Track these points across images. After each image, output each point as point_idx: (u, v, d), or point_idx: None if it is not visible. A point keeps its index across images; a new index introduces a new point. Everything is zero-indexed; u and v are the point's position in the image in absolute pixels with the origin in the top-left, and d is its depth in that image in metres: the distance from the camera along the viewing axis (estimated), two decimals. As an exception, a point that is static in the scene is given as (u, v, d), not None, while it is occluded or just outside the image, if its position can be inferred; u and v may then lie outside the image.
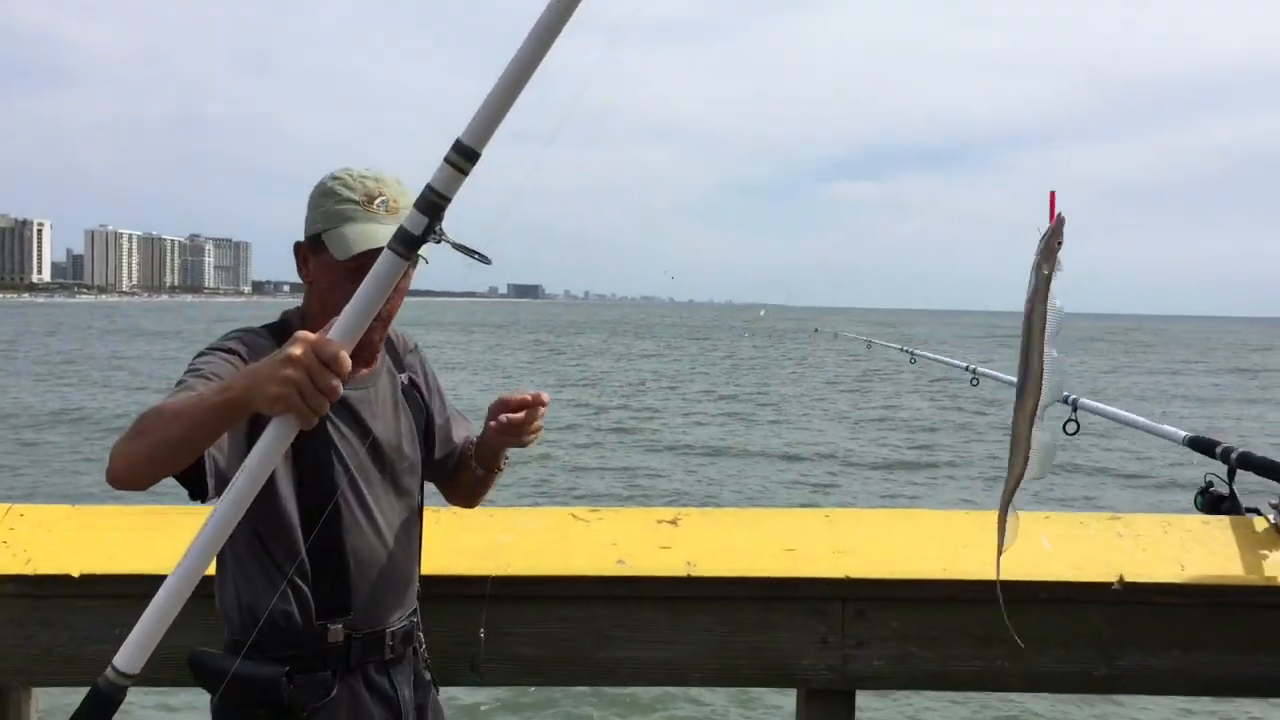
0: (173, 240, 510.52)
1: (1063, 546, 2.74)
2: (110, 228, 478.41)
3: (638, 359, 57.24)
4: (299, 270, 2.24)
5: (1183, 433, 3.42)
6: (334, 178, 2.19)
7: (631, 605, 2.68)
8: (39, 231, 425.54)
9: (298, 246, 2.22)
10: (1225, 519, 2.84)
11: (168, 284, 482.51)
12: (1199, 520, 2.83)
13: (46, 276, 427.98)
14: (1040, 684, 2.73)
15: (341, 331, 1.63)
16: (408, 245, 1.61)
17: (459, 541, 2.75)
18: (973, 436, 24.95)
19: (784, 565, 2.69)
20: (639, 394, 35.47)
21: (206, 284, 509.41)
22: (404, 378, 2.41)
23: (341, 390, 1.63)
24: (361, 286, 1.64)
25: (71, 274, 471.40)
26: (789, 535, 2.76)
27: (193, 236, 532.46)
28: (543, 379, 40.17)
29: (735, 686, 2.82)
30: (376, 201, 2.15)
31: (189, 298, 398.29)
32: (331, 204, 2.16)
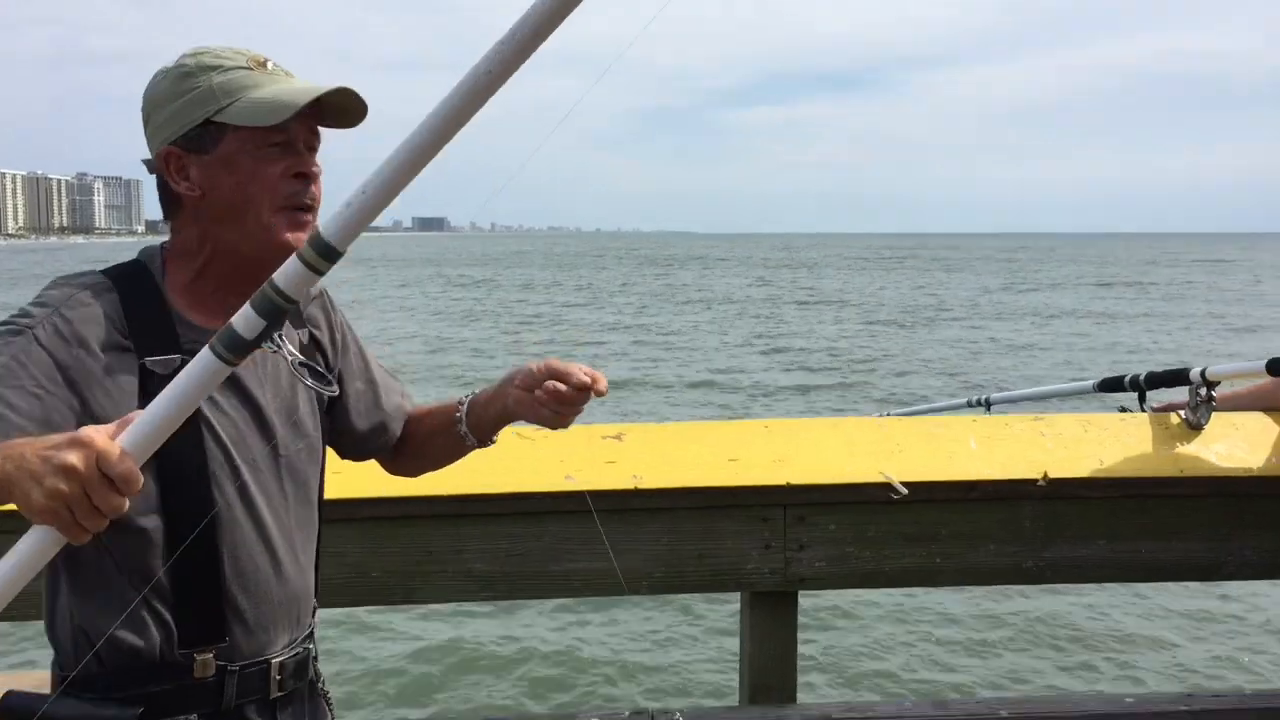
0: (59, 179, 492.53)
1: (990, 447, 2.87)
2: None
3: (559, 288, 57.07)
4: (170, 186, 1.71)
5: (1089, 382, 3.55)
6: (193, 56, 1.69)
7: (581, 519, 2.75)
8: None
9: (165, 156, 1.69)
10: (1142, 415, 3.01)
11: (56, 225, 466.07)
12: (1116, 418, 2.99)
13: (13, 226, 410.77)
14: (973, 578, 2.89)
15: (136, 442, 1.28)
16: (234, 350, 1.28)
17: (408, 464, 2.79)
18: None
19: (727, 475, 2.78)
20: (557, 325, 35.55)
21: (98, 224, 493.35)
22: (302, 333, 1.89)
23: (126, 507, 1.27)
24: (168, 390, 1.28)
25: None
26: (730, 446, 2.85)
27: (80, 175, 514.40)
28: (465, 315, 39.89)
29: (683, 593, 2.92)
30: (269, 64, 1.71)
31: (79, 239, 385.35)
32: (215, 77, 1.66)
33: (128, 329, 1.64)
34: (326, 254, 1.24)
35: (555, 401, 1.74)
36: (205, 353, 1.29)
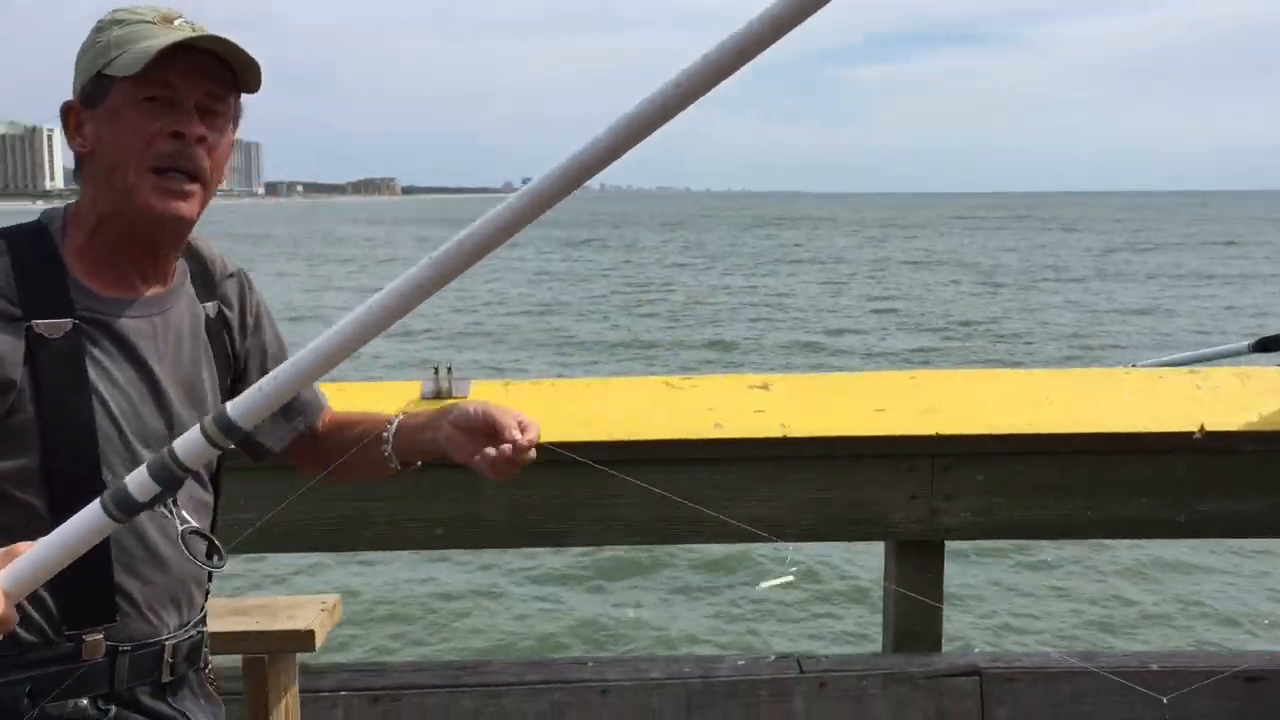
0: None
1: (1144, 400, 2.83)
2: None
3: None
4: (71, 144, 1.63)
5: (1244, 343, 3.43)
6: (111, 11, 1.62)
7: (729, 466, 2.80)
8: (49, 137, 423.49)
9: (66, 111, 1.62)
10: (1304, 369, 2.93)
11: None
12: (1276, 372, 2.92)
13: (59, 183, 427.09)
14: (1123, 531, 2.86)
15: (17, 582, 1.26)
16: (125, 509, 1.24)
17: (559, 410, 2.86)
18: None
19: (874, 425, 2.79)
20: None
21: (222, 186, 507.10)
22: (209, 307, 1.76)
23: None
24: (55, 535, 1.25)
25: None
26: (877, 396, 2.87)
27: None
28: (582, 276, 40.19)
29: (829, 541, 2.95)
30: (178, 21, 1.59)
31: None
32: (115, 31, 1.57)
33: (16, 294, 1.54)
34: (229, 430, 1.21)
35: (490, 465, 1.65)
36: (95, 506, 1.25)
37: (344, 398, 2.95)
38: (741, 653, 3.03)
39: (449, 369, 2.92)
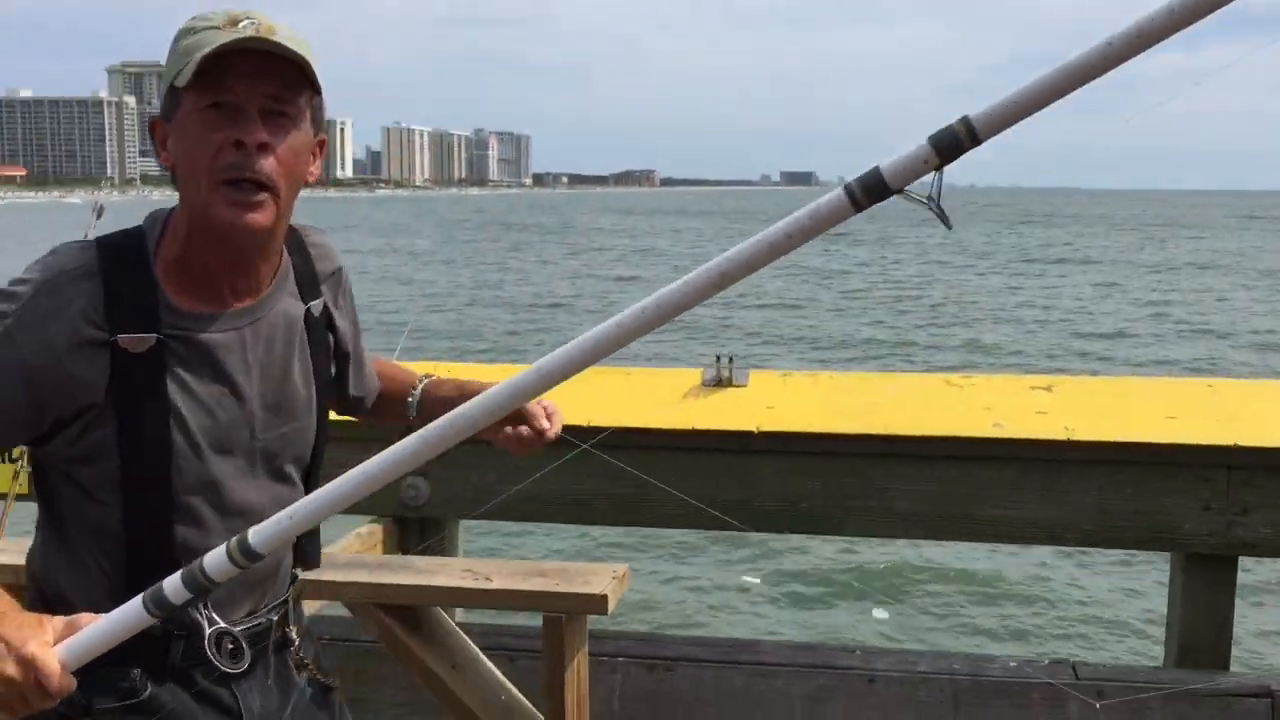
0: (459, 135, 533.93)
1: None
2: (404, 125, 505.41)
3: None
4: (159, 159, 1.63)
5: None
6: (189, 20, 1.61)
7: (1006, 465, 2.78)
8: (341, 130, 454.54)
9: (152, 127, 1.63)
10: None
11: (456, 177, 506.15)
12: None
13: (349, 172, 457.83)
14: None
15: (75, 654, 1.37)
16: (160, 608, 1.37)
17: (836, 402, 2.92)
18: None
19: (1167, 432, 2.71)
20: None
21: (491, 177, 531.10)
22: (315, 305, 1.75)
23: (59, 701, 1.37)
24: (107, 620, 1.36)
25: (370, 169, 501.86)
26: (1169, 403, 2.78)
27: (478, 131, 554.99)
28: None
29: (1113, 549, 2.89)
30: (243, 23, 1.54)
31: (475, 190, 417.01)
32: (185, 40, 1.55)
33: (104, 314, 1.56)
34: (249, 555, 1.31)
35: (517, 443, 1.72)
36: (137, 603, 1.35)
37: (630, 381, 3.12)
38: (1013, 655, 2.98)
39: (730, 359, 3.03)
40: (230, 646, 1.61)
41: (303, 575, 1.83)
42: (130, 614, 1.37)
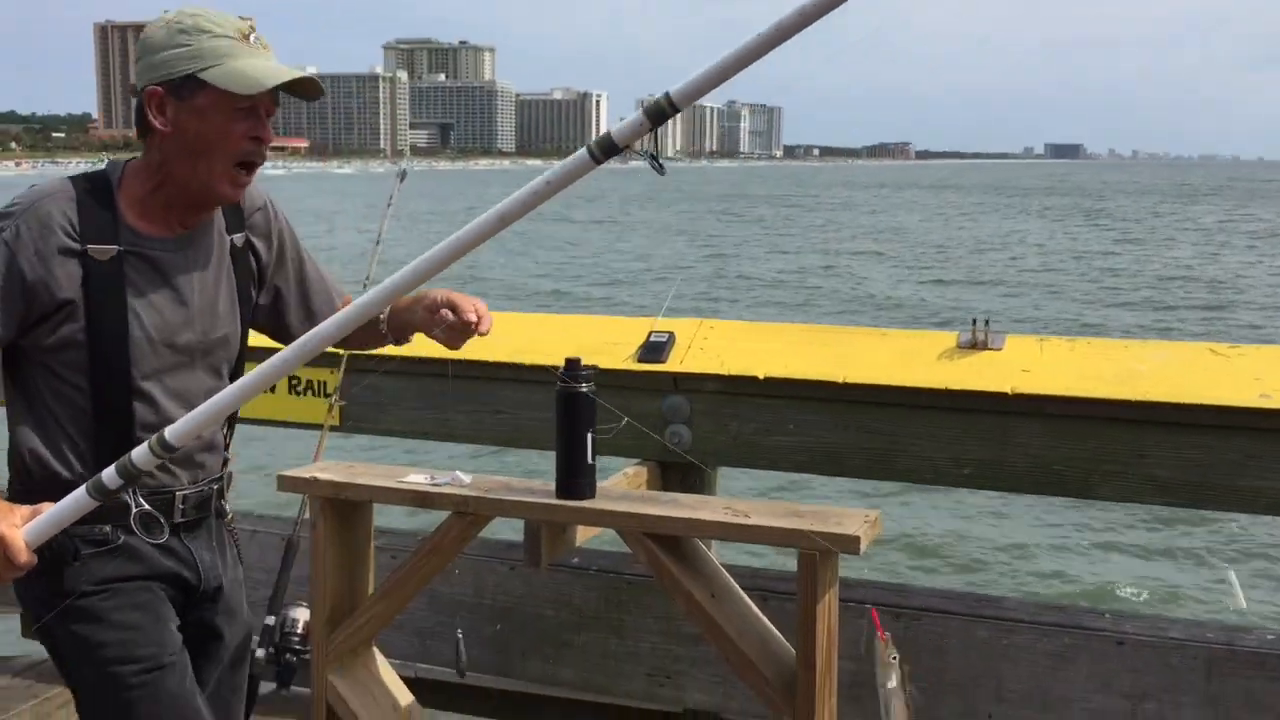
0: (712, 107, 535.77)
1: None
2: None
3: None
4: (147, 119, 2.04)
5: None
6: (191, 16, 2.03)
7: (1274, 438, 2.74)
8: (597, 103, 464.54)
9: (149, 94, 2.02)
10: None
11: (707, 149, 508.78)
12: None
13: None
14: None
15: (38, 534, 1.82)
16: (100, 494, 1.78)
17: (1094, 367, 2.94)
18: None
19: None
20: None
21: (742, 149, 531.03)
22: (238, 238, 2.25)
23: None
24: (61, 506, 1.81)
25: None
26: None
27: (730, 103, 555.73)
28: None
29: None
30: (251, 37, 2.04)
31: (725, 162, 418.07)
32: (205, 40, 2.00)
33: (78, 228, 2.03)
34: (166, 448, 1.74)
35: (446, 327, 2.16)
36: (81, 491, 1.78)
37: (886, 342, 3.24)
38: (1270, 628, 2.93)
39: (986, 321, 3.10)
40: (181, 506, 2.16)
41: (574, 504, 2.44)
42: (78, 500, 1.79)
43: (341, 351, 3.37)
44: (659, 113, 1.46)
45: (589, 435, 2.59)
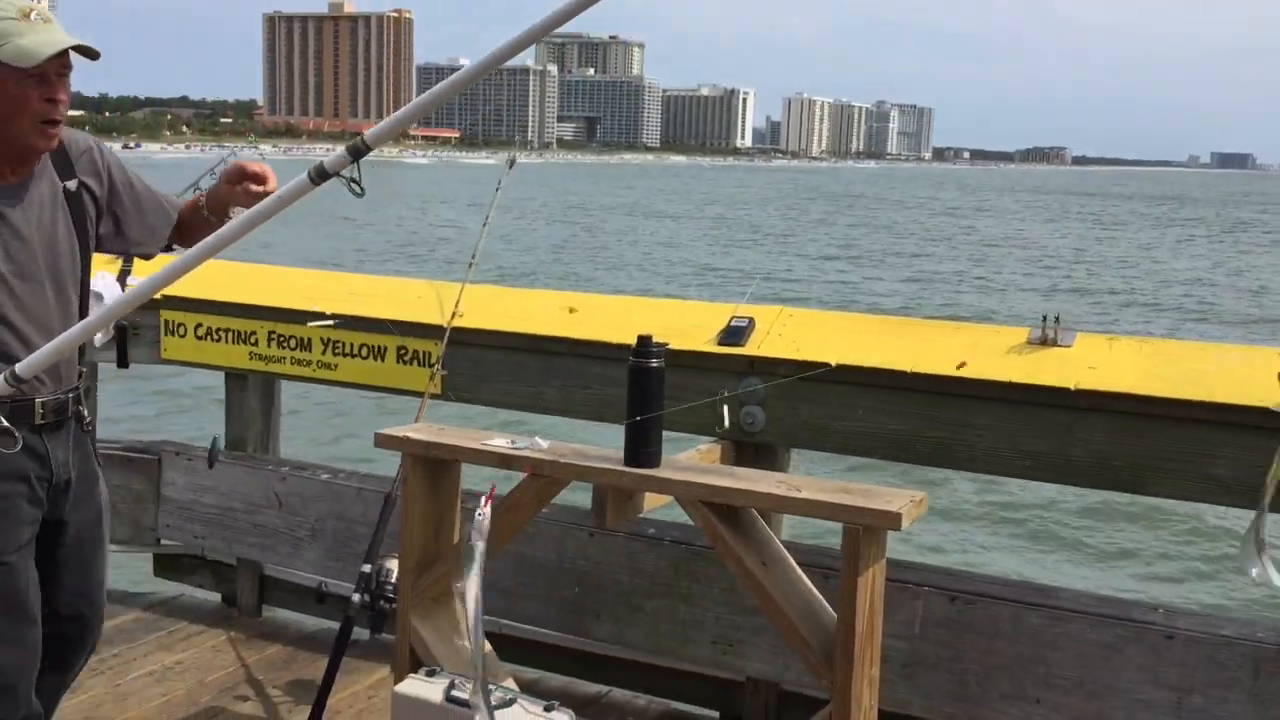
0: (860, 107, 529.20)
1: None
2: (805, 95, 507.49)
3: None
4: None
5: None
6: None
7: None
8: (744, 100, 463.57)
9: None
10: None
11: (853, 149, 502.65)
12: None
13: (748, 141, 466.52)
14: None
15: None
16: None
17: (1159, 368, 3.00)
18: None
19: None
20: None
21: (889, 150, 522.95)
22: (71, 184, 2.56)
23: None
24: None
25: (769, 139, 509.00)
26: None
27: (879, 103, 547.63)
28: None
29: None
30: (33, 15, 2.37)
31: (871, 163, 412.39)
32: None
33: None
34: (17, 381, 2.11)
35: (246, 195, 2.57)
36: None
37: (959, 335, 3.34)
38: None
39: (1056, 319, 3.17)
40: (40, 411, 2.47)
41: (639, 471, 2.73)
42: None
43: (447, 325, 3.63)
44: (357, 150, 1.90)
45: (657, 408, 2.77)
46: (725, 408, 3.35)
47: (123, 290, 4.00)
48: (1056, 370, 3.06)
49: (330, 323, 3.91)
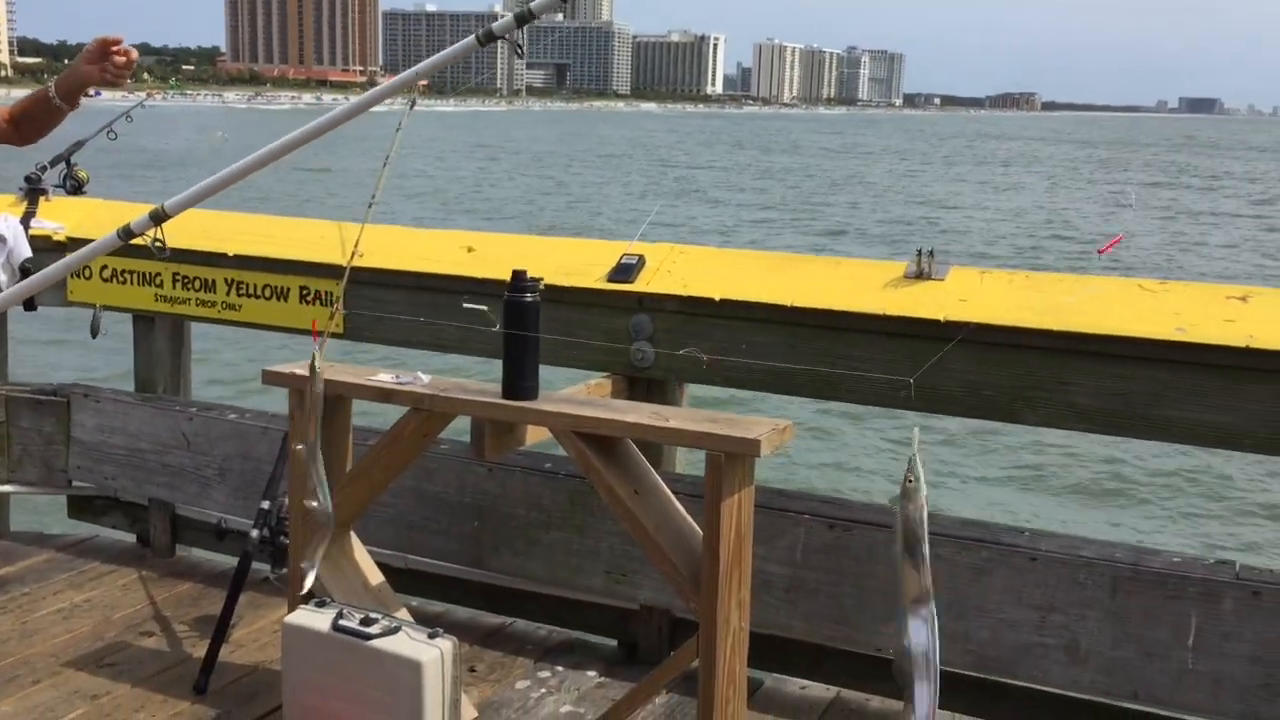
0: (831, 53, 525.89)
1: None
2: (776, 41, 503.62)
3: None
4: None
5: None
6: None
7: (1188, 370, 2.85)
8: (714, 46, 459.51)
9: None
10: None
11: (824, 96, 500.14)
12: None
13: (719, 88, 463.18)
14: None
15: None
16: None
17: (1027, 299, 3.08)
18: None
19: (1353, 345, 2.69)
20: None
21: (860, 96, 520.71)
22: None
23: None
24: None
25: (740, 86, 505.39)
26: (1367, 318, 2.75)
27: (850, 49, 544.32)
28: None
29: (1288, 457, 2.89)
30: None
31: (842, 110, 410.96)
32: None
33: None
34: None
35: (115, 72, 2.57)
36: None
37: (839, 270, 3.41)
38: (1179, 551, 3.07)
39: (930, 252, 3.24)
40: None
41: (514, 403, 2.76)
42: None
43: (347, 265, 3.66)
44: (158, 215, 2.09)
45: (533, 342, 2.83)
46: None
47: (26, 232, 4.01)
48: (930, 302, 3.14)
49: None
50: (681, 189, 40.72)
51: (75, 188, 4.41)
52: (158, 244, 2.11)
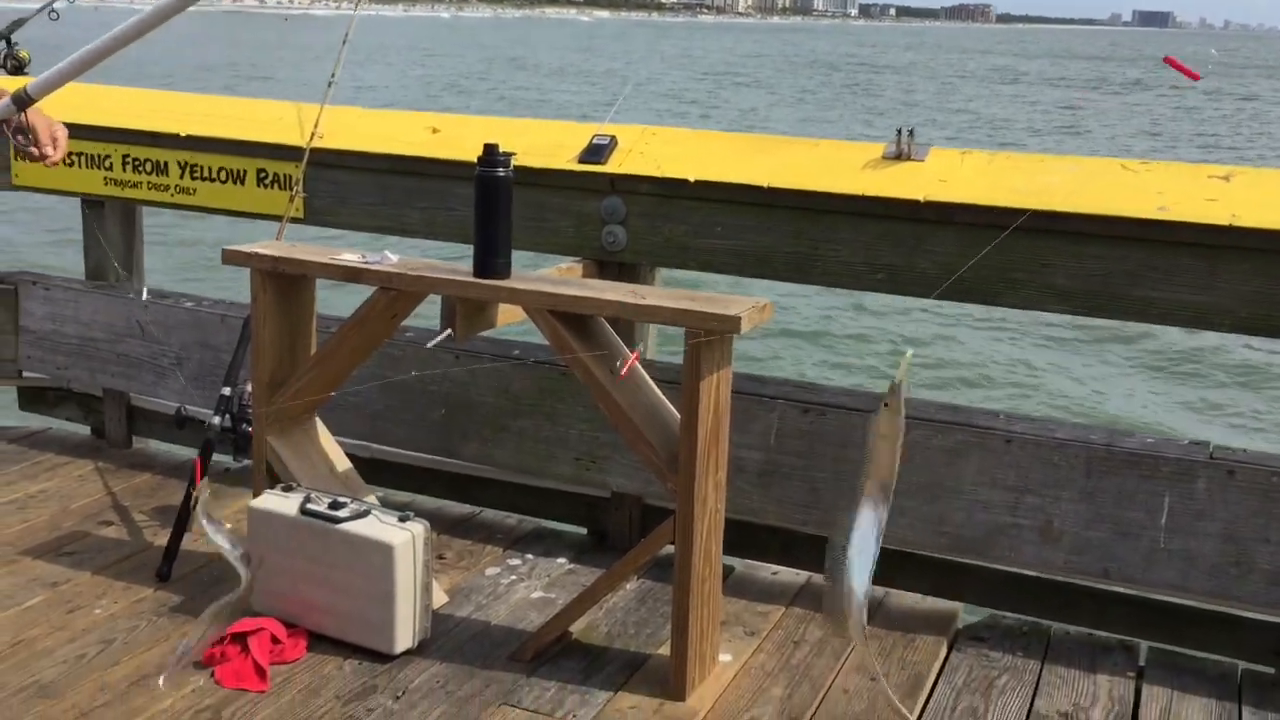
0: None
1: None
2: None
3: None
4: None
5: None
6: None
7: (1168, 249, 2.82)
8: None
9: None
10: None
11: (780, 6, 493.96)
12: None
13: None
14: None
15: None
16: None
17: (1008, 180, 3.03)
18: None
19: (1334, 223, 2.68)
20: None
21: (815, 7, 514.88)
22: None
23: None
24: None
25: None
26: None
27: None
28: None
29: (1264, 336, 2.89)
30: None
31: (798, 19, 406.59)
32: None
33: None
34: None
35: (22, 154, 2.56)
36: None
37: (817, 151, 3.33)
38: (1154, 433, 3.08)
39: (910, 132, 3.17)
40: None
41: (487, 282, 2.65)
42: None
43: (306, 146, 3.53)
44: (21, 99, 2.13)
45: (505, 219, 2.74)
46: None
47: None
48: (908, 183, 3.08)
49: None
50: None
51: (16, 68, 4.20)
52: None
